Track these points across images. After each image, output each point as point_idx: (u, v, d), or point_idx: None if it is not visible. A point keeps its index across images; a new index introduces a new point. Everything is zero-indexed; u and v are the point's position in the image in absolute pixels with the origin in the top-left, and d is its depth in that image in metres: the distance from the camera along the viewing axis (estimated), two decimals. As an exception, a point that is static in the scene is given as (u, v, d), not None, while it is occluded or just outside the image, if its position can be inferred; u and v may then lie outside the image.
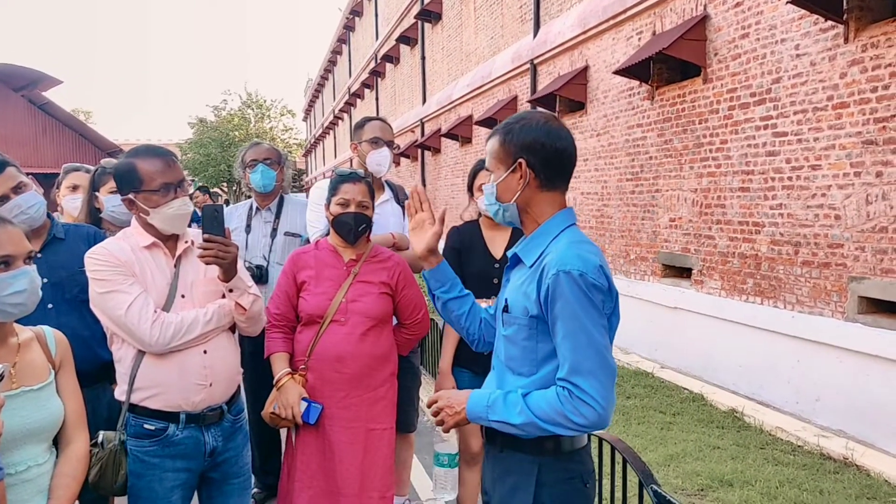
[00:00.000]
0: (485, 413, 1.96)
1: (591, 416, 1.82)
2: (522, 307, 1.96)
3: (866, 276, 5.36)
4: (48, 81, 23.51)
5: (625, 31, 8.88)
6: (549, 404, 1.86)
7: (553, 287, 1.86)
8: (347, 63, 34.67)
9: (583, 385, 1.82)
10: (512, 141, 1.99)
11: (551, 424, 1.86)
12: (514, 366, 2.01)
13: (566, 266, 1.85)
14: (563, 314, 1.85)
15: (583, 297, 1.84)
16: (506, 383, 2.02)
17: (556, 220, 2.02)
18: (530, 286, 1.95)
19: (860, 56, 5.36)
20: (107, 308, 2.42)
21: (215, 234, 2.45)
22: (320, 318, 3.03)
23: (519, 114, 2.07)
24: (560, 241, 1.96)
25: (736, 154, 6.79)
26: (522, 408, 1.89)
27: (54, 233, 2.92)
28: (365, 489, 3.02)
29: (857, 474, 4.66)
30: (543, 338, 1.93)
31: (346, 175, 3.12)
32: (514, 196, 2.01)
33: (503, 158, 2.02)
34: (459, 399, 2.05)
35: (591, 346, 1.84)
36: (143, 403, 2.46)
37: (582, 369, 1.83)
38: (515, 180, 1.99)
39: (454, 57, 17.05)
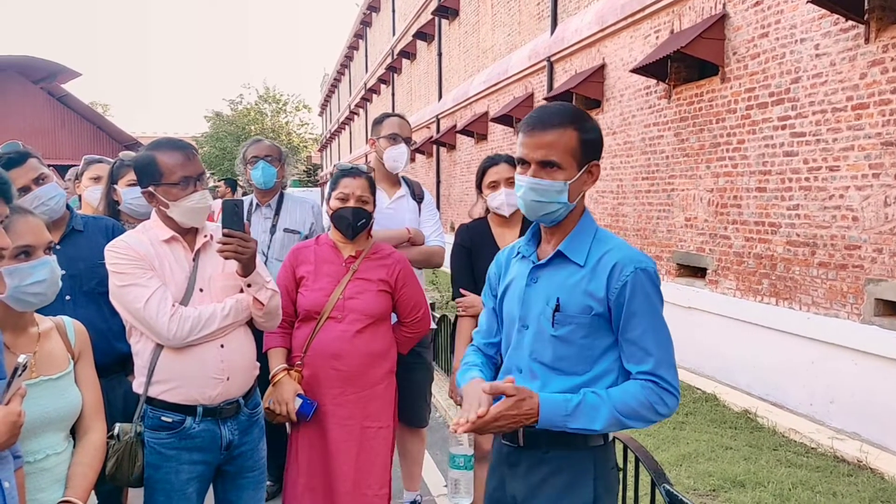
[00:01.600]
0: (562, 422, 1.88)
1: (673, 405, 1.92)
2: (584, 306, 1.93)
3: (883, 279, 5.32)
4: (67, 74, 23.72)
5: (642, 29, 8.84)
6: (637, 400, 1.88)
7: (632, 284, 1.89)
8: (364, 58, 34.70)
9: (667, 376, 1.90)
10: (590, 140, 1.95)
11: (635, 419, 1.90)
12: (565, 366, 1.96)
13: (641, 263, 1.91)
14: (643, 310, 1.90)
15: (657, 293, 1.93)
16: (551, 386, 1.96)
17: (588, 219, 2.03)
18: (592, 284, 1.93)
19: (881, 56, 5.31)
20: (126, 301, 2.44)
21: (235, 229, 2.46)
22: (317, 315, 3.00)
23: (571, 107, 1.99)
24: (610, 239, 2.00)
25: (753, 154, 6.75)
26: (609, 409, 1.88)
27: (73, 225, 2.94)
28: (359, 486, 3.01)
29: (870, 477, 4.63)
30: (602, 334, 1.95)
31: (346, 170, 3.10)
32: (578, 197, 1.98)
33: (579, 157, 1.93)
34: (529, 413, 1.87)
35: (668, 339, 1.94)
36: (161, 396, 2.48)
37: (665, 362, 1.91)
38: (583, 182, 1.96)
39: (471, 53, 17.03)
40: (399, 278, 3.14)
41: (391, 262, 3.15)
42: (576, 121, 1.93)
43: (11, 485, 1.69)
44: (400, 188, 3.87)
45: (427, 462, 4.44)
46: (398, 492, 4.02)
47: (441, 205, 19.35)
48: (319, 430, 3.01)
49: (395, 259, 3.18)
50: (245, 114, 43.34)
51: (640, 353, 1.91)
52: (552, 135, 1.90)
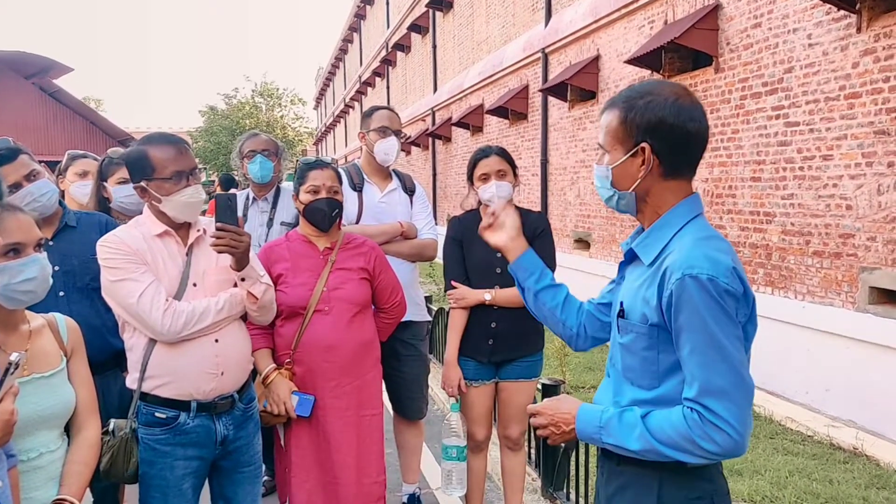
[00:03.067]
0: (597, 434, 1.73)
1: (726, 443, 1.58)
2: (641, 314, 1.71)
3: (877, 267, 5.33)
4: (59, 69, 23.59)
5: (636, 20, 8.83)
6: (675, 429, 1.62)
7: (678, 294, 1.60)
8: (358, 52, 34.59)
9: (715, 407, 1.58)
10: (635, 120, 1.70)
11: (677, 450, 1.63)
12: (632, 377, 1.77)
13: (693, 269, 1.60)
14: (689, 325, 1.60)
15: (713, 305, 1.58)
16: (623, 394, 1.79)
17: (679, 211, 1.74)
18: (649, 290, 1.69)
19: (873, 46, 5.31)
20: (118, 296, 2.43)
21: (228, 223, 2.46)
22: (303, 310, 2.97)
23: (644, 85, 1.76)
24: (685, 237, 1.69)
25: (747, 144, 6.76)
26: (642, 432, 1.66)
27: (66, 221, 2.92)
28: (361, 476, 3.02)
29: (866, 464, 4.65)
30: (666, 347, 1.68)
31: (311, 162, 3.08)
32: (633, 184, 1.74)
33: (622, 139, 1.73)
34: (566, 418, 1.80)
35: (724, 361, 1.59)
36: (155, 392, 2.47)
37: (713, 389, 1.58)
38: (636, 166, 1.72)
39: (465, 45, 16.99)
40: (376, 265, 3.15)
41: (367, 250, 3.15)
42: (626, 99, 1.73)
43: (5, 484, 1.68)
44: (391, 181, 3.86)
45: (425, 454, 4.44)
46: (396, 485, 4.03)
47: (437, 197, 19.34)
48: (318, 424, 3.00)
49: (369, 246, 3.18)
50: (240, 108, 43.21)
51: (688, 377, 1.62)
52: (605, 117, 1.78)
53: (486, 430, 3.54)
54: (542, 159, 11.85)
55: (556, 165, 11.53)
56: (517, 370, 3.44)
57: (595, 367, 6.91)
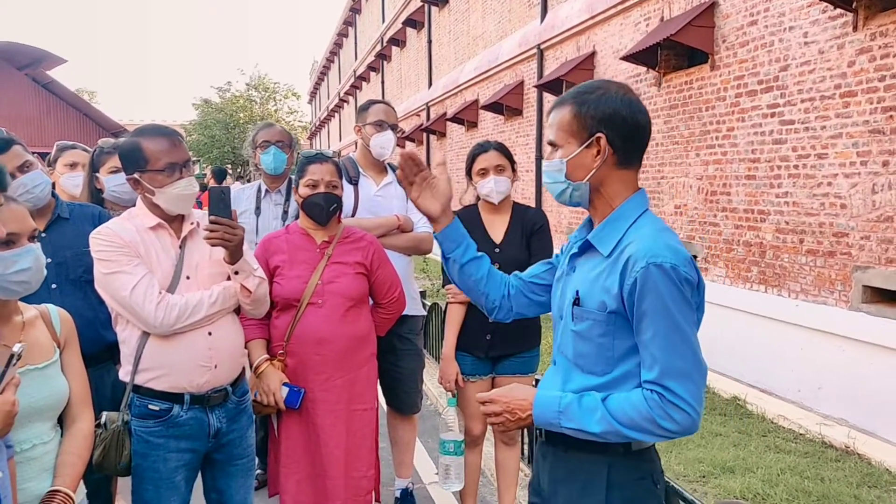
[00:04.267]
0: (556, 419, 1.79)
1: (684, 421, 1.68)
2: (599, 301, 1.78)
3: (871, 266, 5.35)
4: (52, 60, 23.49)
5: (633, 16, 8.82)
6: (636, 410, 1.70)
7: (643, 281, 1.68)
8: (353, 46, 34.51)
9: (675, 388, 1.67)
10: (588, 112, 1.78)
11: (637, 431, 1.71)
12: (584, 364, 1.84)
13: (657, 258, 1.68)
14: (653, 311, 1.68)
15: (676, 292, 1.68)
16: (572, 381, 1.86)
17: (631, 203, 1.83)
18: (609, 279, 1.76)
19: (869, 44, 5.31)
20: (111, 289, 2.42)
21: (222, 216, 2.44)
22: (297, 302, 2.98)
23: (591, 83, 1.86)
24: (642, 229, 1.78)
25: (742, 142, 6.76)
26: (603, 415, 1.73)
27: (59, 212, 2.91)
28: (349, 470, 3.03)
29: (858, 462, 4.67)
30: (621, 334, 1.77)
31: (311, 156, 3.07)
32: (588, 174, 1.81)
33: (576, 132, 1.80)
34: (522, 405, 1.85)
35: (684, 344, 1.69)
36: (148, 384, 2.47)
37: (675, 370, 1.68)
38: (591, 157, 1.79)
39: (461, 41, 16.96)
40: (374, 260, 3.14)
41: (365, 245, 3.14)
42: (576, 95, 1.82)
43: (5, 474, 1.69)
44: (387, 175, 3.85)
45: (418, 449, 4.44)
46: (389, 479, 4.02)
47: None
48: (307, 417, 3.00)
49: (367, 241, 3.17)
50: (234, 101, 43.06)
51: (649, 360, 1.71)
52: (554, 114, 1.86)
53: (483, 426, 3.53)
54: (537, 155, 11.85)
55: (551, 162, 11.51)
56: (514, 365, 3.44)
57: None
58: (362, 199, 3.70)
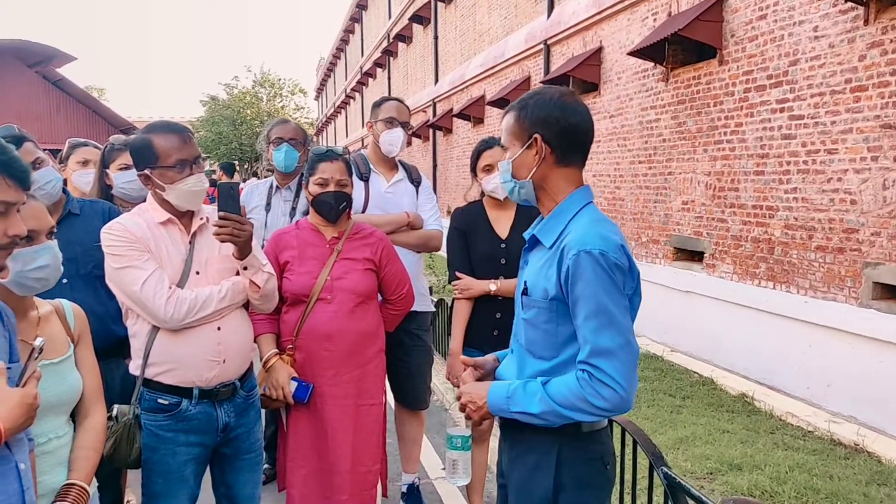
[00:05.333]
0: (506, 405, 1.94)
1: (613, 399, 1.79)
2: (542, 289, 1.92)
3: (881, 262, 5.32)
4: (62, 58, 23.60)
5: (640, 11, 8.78)
6: (570, 390, 1.83)
7: (574, 267, 1.82)
8: (360, 42, 34.50)
9: (603, 366, 1.79)
10: (527, 116, 1.96)
11: (572, 410, 1.83)
12: (534, 349, 1.98)
13: (587, 245, 1.82)
14: (584, 295, 1.81)
15: (604, 277, 1.80)
16: (526, 367, 2.00)
17: (573, 199, 1.98)
18: (550, 268, 1.91)
19: (880, 38, 5.28)
20: (122, 284, 2.44)
21: (231, 212, 2.46)
22: (306, 297, 3.01)
23: (533, 90, 2.05)
24: (580, 220, 1.93)
25: (751, 137, 6.73)
26: (542, 396, 1.86)
27: (69, 208, 2.94)
28: (356, 465, 3.05)
29: (867, 460, 4.65)
30: (564, 320, 1.90)
31: (322, 153, 3.08)
32: (529, 172, 1.97)
33: (518, 134, 1.99)
34: (480, 392, 2.02)
35: (612, 325, 1.80)
36: (158, 378, 2.50)
37: (602, 350, 1.79)
38: (531, 156, 1.96)
39: (467, 37, 16.94)
40: (383, 256, 3.16)
41: (374, 241, 3.17)
42: (519, 102, 2.00)
43: (27, 466, 1.70)
44: (397, 172, 3.86)
45: (425, 445, 4.44)
46: (396, 474, 4.03)
47: (437, 189, 19.30)
48: (315, 412, 3.03)
49: (377, 237, 3.19)
50: (241, 98, 43.17)
51: (581, 341, 1.85)
52: (504, 121, 2.04)
53: (490, 421, 3.53)
54: (544, 151, 11.82)
55: (558, 158, 11.49)
56: None
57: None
58: (373, 195, 3.72)
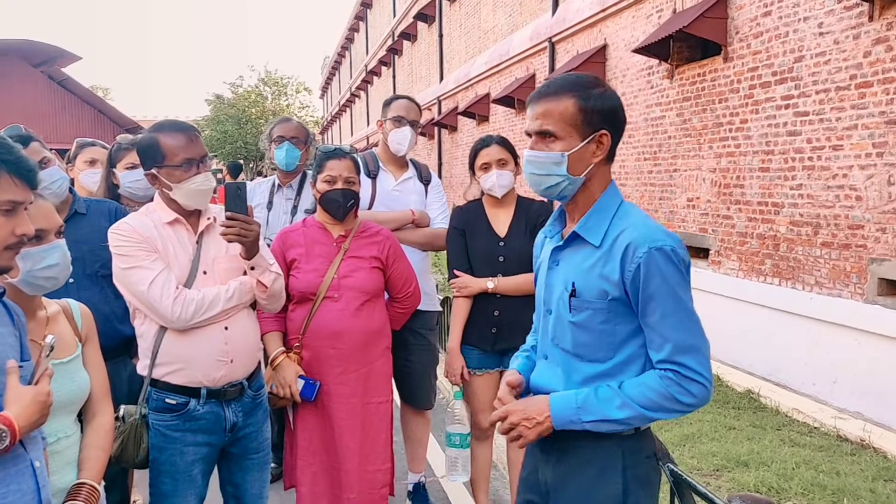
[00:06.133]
0: (576, 416, 1.82)
1: (701, 393, 1.77)
2: (599, 290, 1.83)
3: (887, 258, 5.31)
4: (67, 57, 23.61)
5: (644, 8, 8.77)
6: (654, 391, 1.77)
7: (646, 265, 1.75)
8: (365, 40, 34.52)
9: (690, 363, 1.76)
10: (594, 107, 1.81)
11: (658, 411, 1.79)
12: (585, 353, 1.88)
13: (657, 242, 1.76)
14: (660, 293, 1.76)
15: (677, 274, 1.77)
16: (576, 372, 1.89)
17: (611, 194, 1.90)
18: (607, 267, 1.82)
19: (885, 34, 5.26)
20: (129, 283, 2.44)
21: (238, 212, 2.46)
22: (313, 296, 3.01)
23: (586, 76, 1.87)
24: (629, 217, 1.85)
25: (756, 134, 6.72)
26: (624, 401, 1.79)
27: (76, 208, 2.94)
28: (364, 463, 3.05)
29: (873, 456, 4.64)
30: (623, 320, 1.83)
31: (330, 151, 3.09)
32: (585, 170, 1.84)
33: (579, 125, 1.82)
34: (538, 408, 1.87)
35: (691, 321, 1.78)
36: (165, 378, 2.50)
37: (687, 347, 1.76)
38: (590, 152, 1.83)
39: (472, 34, 16.94)
40: (390, 254, 3.16)
41: (381, 239, 3.17)
42: (576, 88, 1.82)
43: (42, 464, 1.71)
44: (407, 170, 3.88)
45: (431, 444, 4.45)
46: (402, 473, 4.04)
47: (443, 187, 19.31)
48: (322, 410, 3.03)
49: (384, 236, 3.20)
50: (246, 97, 43.21)
51: (659, 340, 1.78)
52: (548, 104, 1.83)
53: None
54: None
55: (563, 155, 11.50)
56: None
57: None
58: (380, 193, 3.73)
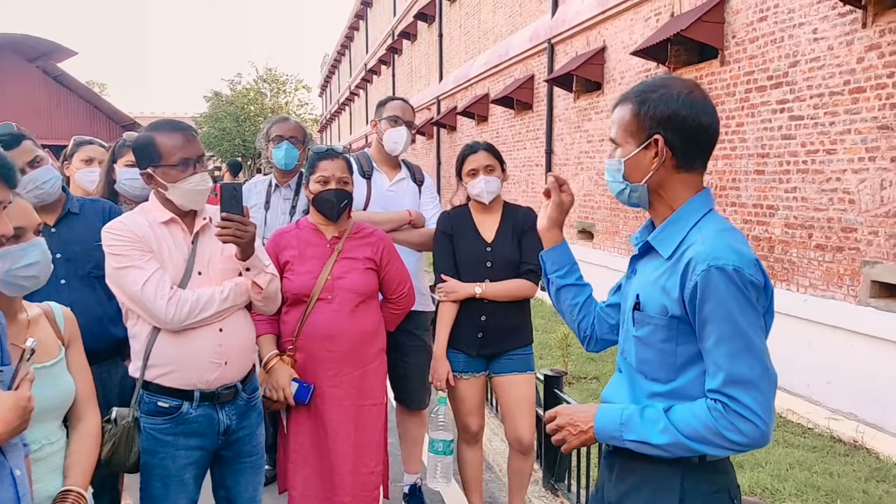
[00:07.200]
0: (618, 432, 1.72)
1: (752, 434, 1.59)
2: (660, 306, 1.71)
3: (879, 261, 5.34)
4: (63, 52, 23.47)
5: (643, 11, 8.80)
6: (700, 421, 1.62)
7: (703, 285, 1.60)
8: (364, 39, 34.50)
9: (740, 397, 1.58)
10: (648, 112, 1.72)
11: (701, 443, 1.63)
12: (647, 370, 1.76)
13: (719, 260, 1.60)
14: (715, 316, 1.60)
15: (739, 296, 1.59)
16: (638, 389, 1.79)
17: (693, 204, 1.75)
18: (670, 281, 1.69)
19: (878, 41, 5.29)
20: (123, 284, 2.41)
21: (234, 213, 2.44)
22: (306, 297, 2.98)
23: (657, 80, 1.79)
24: (704, 229, 1.70)
25: (751, 137, 6.75)
26: (666, 426, 1.66)
27: (69, 207, 2.88)
28: (358, 466, 3.02)
29: (866, 457, 4.68)
30: (685, 339, 1.69)
31: (323, 152, 3.07)
32: (645, 176, 1.74)
33: (634, 131, 1.75)
34: (584, 416, 1.79)
35: (749, 351, 1.59)
36: (158, 381, 2.46)
37: (740, 379, 1.59)
38: (648, 158, 1.73)
39: (472, 35, 16.94)
40: (384, 255, 3.15)
41: (375, 240, 3.15)
42: (639, 93, 1.75)
43: (23, 472, 1.66)
44: (400, 171, 3.88)
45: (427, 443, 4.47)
46: (398, 474, 4.04)
47: (441, 187, 19.31)
48: (316, 412, 3.01)
49: (378, 237, 3.18)
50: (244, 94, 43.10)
51: (713, 367, 1.62)
52: (617, 111, 1.79)
53: (480, 421, 3.54)
54: (547, 149, 11.84)
55: (561, 156, 11.52)
56: (509, 364, 3.42)
57: (597, 358, 6.94)
58: (374, 193, 3.73)
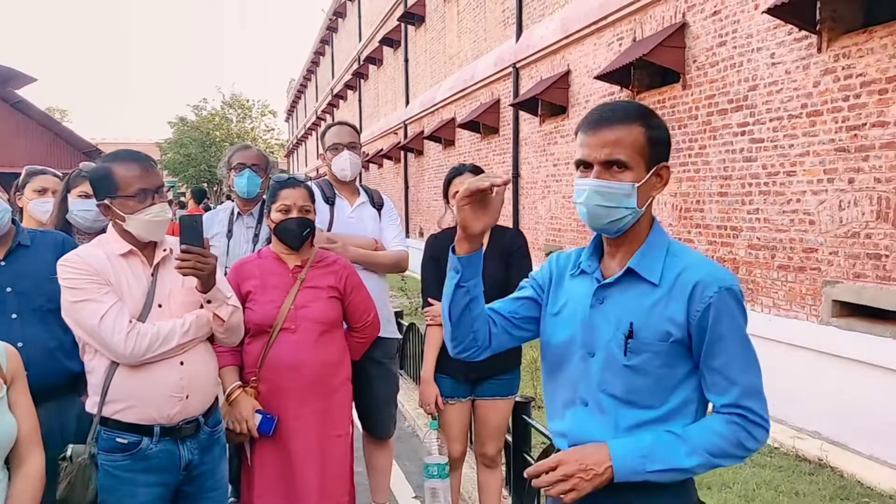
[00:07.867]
0: (641, 465, 1.67)
1: (764, 438, 1.70)
2: (662, 332, 1.70)
3: (839, 281, 5.43)
4: (21, 79, 23.02)
5: (606, 36, 8.93)
6: (722, 437, 1.67)
7: (718, 305, 1.66)
8: (330, 64, 34.57)
9: (755, 407, 1.68)
10: (658, 138, 1.73)
11: (725, 458, 1.69)
12: (638, 398, 1.73)
13: (725, 282, 1.68)
14: (729, 334, 1.68)
15: (743, 315, 1.70)
16: (624, 419, 1.74)
17: (658, 231, 1.81)
18: (670, 307, 1.70)
19: (832, 66, 5.43)
20: (80, 318, 2.36)
21: (194, 245, 2.40)
22: (269, 328, 2.95)
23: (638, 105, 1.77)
24: (685, 255, 1.76)
25: (714, 159, 6.86)
26: (694, 448, 1.67)
27: (19, 240, 2.75)
28: (324, 497, 2.99)
29: (831, 475, 4.73)
30: (680, 362, 1.72)
31: (284, 181, 3.08)
32: (646, 203, 1.74)
33: (647, 156, 1.71)
34: (597, 458, 1.68)
35: (755, 362, 1.72)
36: (116, 416, 2.40)
37: (753, 390, 1.69)
38: (651, 185, 1.73)
39: (437, 60, 17.06)
40: (347, 284, 3.13)
41: (338, 269, 3.14)
42: (643, 116, 1.73)
43: None
44: (359, 196, 3.89)
45: (396, 473, 4.42)
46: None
47: (409, 210, 19.34)
48: (281, 443, 2.97)
49: (341, 265, 3.16)
50: (210, 119, 42.90)
51: (724, 383, 1.69)
52: (618, 131, 1.69)
53: (462, 447, 3.53)
54: (514, 173, 11.92)
55: (527, 179, 11.60)
56: (493, 388, 3.44)
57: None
58: (337, 219, 3.73)
